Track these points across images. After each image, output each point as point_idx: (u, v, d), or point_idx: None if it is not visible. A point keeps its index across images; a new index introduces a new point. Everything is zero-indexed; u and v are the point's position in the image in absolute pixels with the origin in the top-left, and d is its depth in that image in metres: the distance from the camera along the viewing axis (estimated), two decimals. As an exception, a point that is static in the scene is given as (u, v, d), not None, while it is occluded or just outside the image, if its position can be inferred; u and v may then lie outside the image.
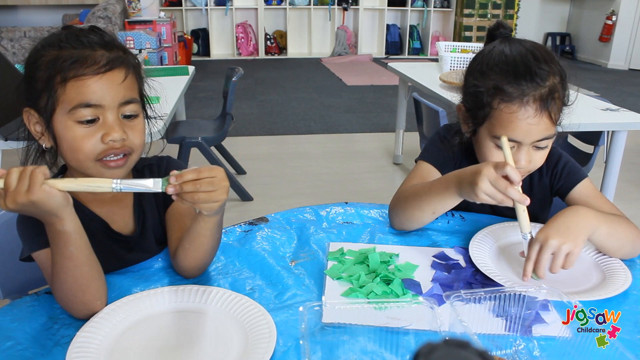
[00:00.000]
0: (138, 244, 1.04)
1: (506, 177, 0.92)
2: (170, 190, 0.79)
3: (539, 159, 1.09)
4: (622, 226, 1.03)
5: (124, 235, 1.03)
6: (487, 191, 0.93)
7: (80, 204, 0.99)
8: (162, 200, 1.08)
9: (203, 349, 0.78)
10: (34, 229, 0.93)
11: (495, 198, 0.93)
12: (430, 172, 1.20)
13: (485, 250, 1.05)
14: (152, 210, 1.07)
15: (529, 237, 0.95)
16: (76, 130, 0.89)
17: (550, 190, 1.24)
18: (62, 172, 1.01)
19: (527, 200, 0.93)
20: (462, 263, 1.02)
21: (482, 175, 0.93)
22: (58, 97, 0.88)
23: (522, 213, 0.95)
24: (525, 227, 0.95)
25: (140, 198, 1.06)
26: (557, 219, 0.96)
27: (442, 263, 1.02)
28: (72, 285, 0.82)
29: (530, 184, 1.24)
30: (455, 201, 1.05)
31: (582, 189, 1.18)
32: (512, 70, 1.04)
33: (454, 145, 1.21)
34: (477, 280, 0.96)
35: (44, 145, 0.93)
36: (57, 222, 0.79)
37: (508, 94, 1.03)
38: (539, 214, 1.25)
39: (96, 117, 0.89)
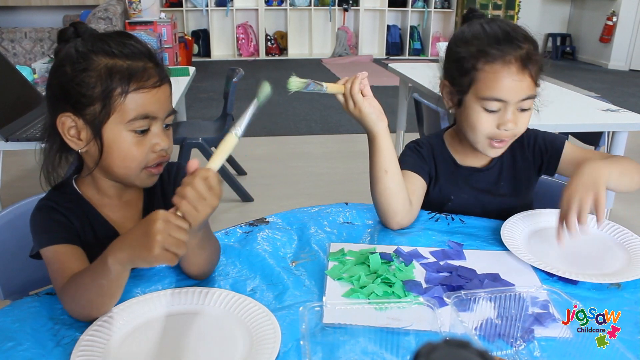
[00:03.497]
0: None
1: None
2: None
3: (523, 121, 1.15)
4: (626, 162, 1.12)
5: None
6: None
7: (92, 209, 1.00)
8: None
9: (208, 351, 0.78)
10: (47, 225, 0.94)
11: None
12: (410, 176, 1.21)
13: (516, 233, 1.11)
14: None
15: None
16: (131, 140, 0.92)
17: (537, 165, 1.28)
18: (77, 172, 1.01)
19: None
20: (432, 258, 1.04)
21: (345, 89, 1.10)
22: (115, 107, 0.90)
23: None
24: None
25: (151, 200, 1.07)
26: (575, 179, 1.03)
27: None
28: (86, 304, 0.83)
29: (513, 161, 1.28)
30: (377, 135, 1.10)
31: (569, 151, 1.24)
32: (492, 36, 1.12)
33: (423, 152, 1.28)
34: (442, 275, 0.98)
35: (79, 150, 0.94)
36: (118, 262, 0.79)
37: (491, 55, 1.10)
38: (525, 193, 1.29)
39: (149, 127, 0.93)
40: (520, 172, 1.28)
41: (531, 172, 1.29)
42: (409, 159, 1.26)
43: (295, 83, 0.99)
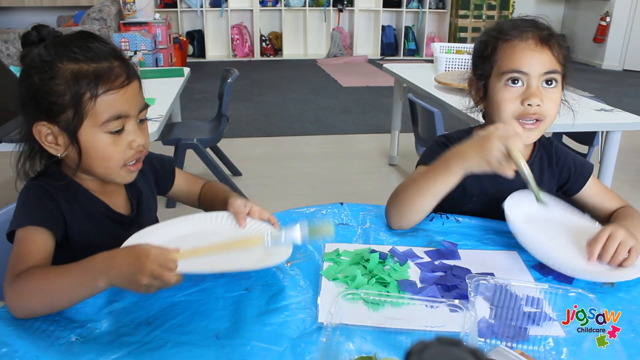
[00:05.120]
0: (135, 222, 1.09)
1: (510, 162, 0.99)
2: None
3: (549, 99, 1.13)
4: None
5: (123, 215, 1.07)
6: (498, 153, 0.97)
7: (85, 190, 1.02)
8: (155, 188, 1.18)
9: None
10: (32, 206, 0.95)
11: (504, 162, 0.98)
12: None
13: (520, 208, 1.09)
14: (145, 191, 1.13)
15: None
16: (107, 140, 0.94)
17: (560, 183, 1.28)
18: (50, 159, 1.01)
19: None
20: (427, 258, 1.05)
21: (492, 137, 0.98)
22: (87, 111, 0.91)
23: (531, 181, 0.99)
24: (541, 194, 1.00)
25: (132, 188, 1.10)
26: (620, 224, 1.05)
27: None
28: (46, 303, 0.84)
29: (540, 171, 1.27)
30: (457, 178, 1.07)
31: (592, 186, 1.26)
32: (511, 22, 1.18)
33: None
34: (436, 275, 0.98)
35: (59, 155, 0.95)
36: (107, 284, 0.82)
37: (509, 34, 1.15)
38: None
39: (123, 126, 0.94)
40: (544, 183, 1.26)
41: (553, 187, 1.28)
42: (436, 156, 1.21)
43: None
